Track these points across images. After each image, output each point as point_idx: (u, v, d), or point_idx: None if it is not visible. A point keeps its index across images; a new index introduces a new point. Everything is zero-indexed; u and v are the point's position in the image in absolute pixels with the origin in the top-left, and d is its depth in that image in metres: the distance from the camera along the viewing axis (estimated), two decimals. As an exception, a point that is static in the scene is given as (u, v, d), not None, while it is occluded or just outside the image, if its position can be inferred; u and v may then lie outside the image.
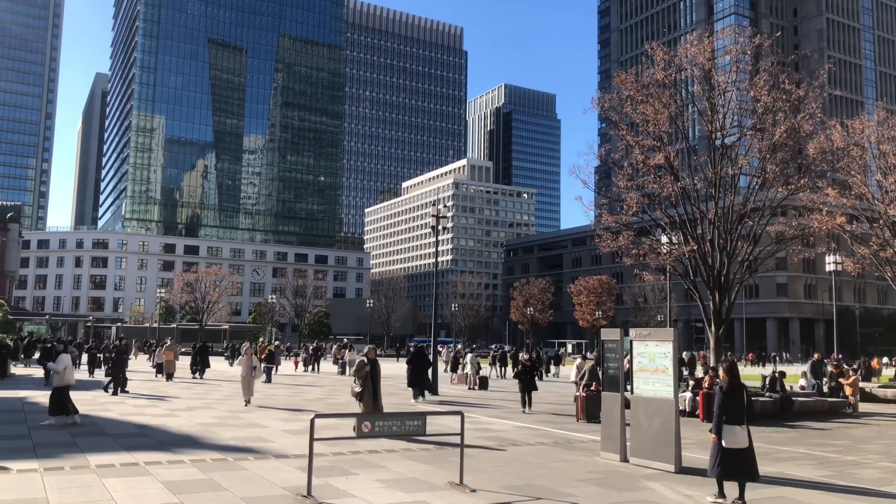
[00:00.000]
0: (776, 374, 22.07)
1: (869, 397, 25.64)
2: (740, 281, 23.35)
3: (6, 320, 43.35)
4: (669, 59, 23.63)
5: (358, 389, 14.51)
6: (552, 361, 44.44)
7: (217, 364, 43.27)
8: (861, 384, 25.03)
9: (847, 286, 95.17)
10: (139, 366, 39.49)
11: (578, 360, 23.79)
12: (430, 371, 23.56)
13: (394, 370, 45.30)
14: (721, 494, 9.17)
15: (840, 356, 38.04)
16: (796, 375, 29.31)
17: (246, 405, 19.75)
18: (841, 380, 22.87)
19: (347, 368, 40.62)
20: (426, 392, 22.93)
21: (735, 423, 9.10)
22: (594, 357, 37.16)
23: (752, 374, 37.87)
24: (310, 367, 42.00)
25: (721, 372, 9.65)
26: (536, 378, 23.66)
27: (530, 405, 20.67)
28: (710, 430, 9.47)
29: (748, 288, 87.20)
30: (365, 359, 14.96)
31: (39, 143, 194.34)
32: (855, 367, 34.43)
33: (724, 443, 9.07)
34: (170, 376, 29.55)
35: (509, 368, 38.62)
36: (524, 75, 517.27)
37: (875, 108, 31.10)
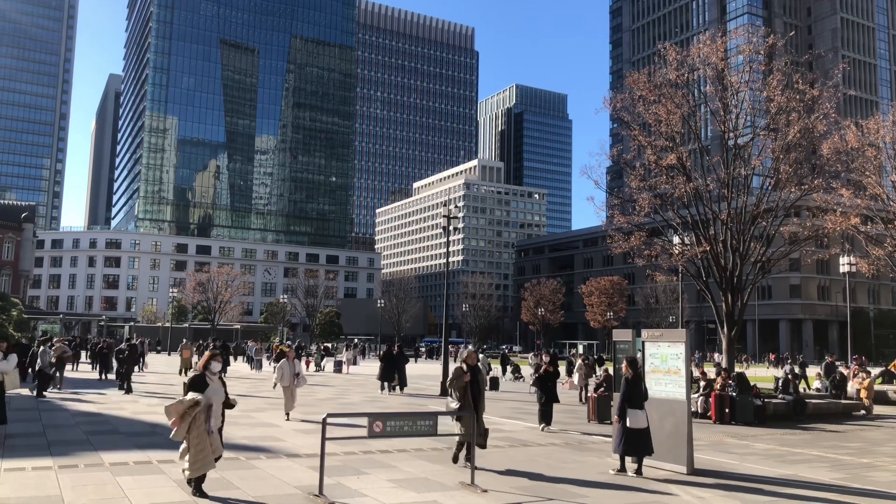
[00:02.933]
0: (789, 376, 21.93)
1: (884, 400, 25.41)
2: (753, 282, 23.22)
3: (21, 319, 43.70)
4: (682, 59, 23.54)
5: (456, 405, 10.80)
6: (597, 364, 44.42)
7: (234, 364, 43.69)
8: (878, 387, 24.82)
9: (861, 287, 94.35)
10: (154, 366, 39.71)
11: (579, 362, 24.17)
12: (405, 367, 26.76)
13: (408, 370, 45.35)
14: (622, 469, 10.78)
15: (855, 357, 37.75)
16: (811, 377, 29.10)
17: (287, 419, 16.69)
18: (856, 383, 22.69)
19: (345, 367, 40.79)
20: (397, 387, 25.73)
21: (637, 407, 10.67)
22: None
23: (765, 376, 37.62)
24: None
25: (624, 365, 11.09)
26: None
27: (550, 421, 16.59)
28: (615, 413, 11.05)
29: (761, 289, 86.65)
30: (464, 366, 11.11)
31: (54, 144, 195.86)
32: (870, 369, 34.10)
33: (628, 424, 10.57)
34: (184, 371, 32.31)
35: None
36: (535, 75, 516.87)
37: (890, 108, 30.85)
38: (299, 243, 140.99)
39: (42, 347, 22.27)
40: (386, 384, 25.78)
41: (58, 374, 23.85)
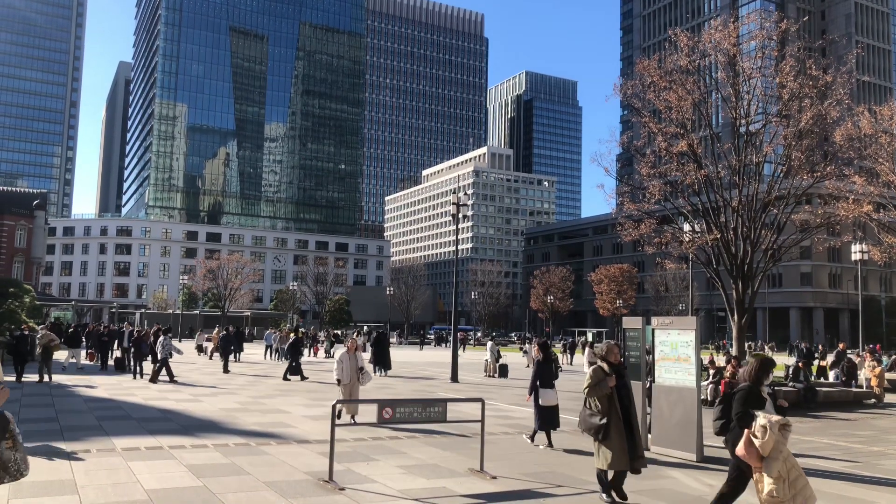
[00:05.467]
0: (800, 364, 21.86)
1: None
2: (764, 270, 23.10)
3: (33, 306, 44.03)
4: (693, 45, 23.32)
5: (599, 421, 7.98)
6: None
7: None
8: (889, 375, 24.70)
9: (873, 275, 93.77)
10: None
11: (587, 351, 24.29)
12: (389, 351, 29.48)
13: (416, 357, 45.62)
14: (550, 443, 11.94)
15: (870, 346, 37.57)
16: (824, 366, 28.96)
17: (353, 421, 13.30)
18: (868, 371, 22.60)
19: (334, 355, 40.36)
20: (386, 370, 27.97)
21: (548, 387, 11.98)
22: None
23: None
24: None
25: (535, 348, 12.29)
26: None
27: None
28: (528, 391, 12.31)
29: (771, 277, 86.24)
30: (604, 365, 8.29)
31: (64, 132, 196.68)
32: (881, 357, 33.96)
33: (540, 402, 11.83)
34: (214, 355, 34.64)
35: (578, 356, 39.17)
36: (545, 62, 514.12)
37: (904, 95, 30.53)
38: (309, 231, 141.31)
39: (163, 337, 22.72)
40: (379, 367, 28.03)
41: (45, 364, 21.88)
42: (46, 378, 21.64)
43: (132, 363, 24.99)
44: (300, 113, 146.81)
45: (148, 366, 23.98)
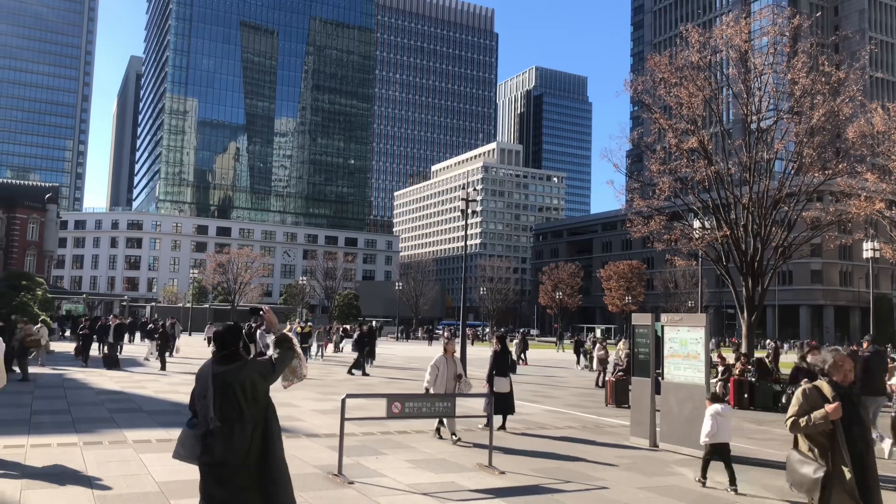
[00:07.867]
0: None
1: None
2: (774, 267, 23.01)
3: (45, 299, 44.38)
4: (705, 41, 23.22)
5: (814, 473, 4.87)
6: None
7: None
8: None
9: (884, 273, 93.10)
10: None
11: (597, 346, 24.39)
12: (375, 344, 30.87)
13: (425, 352, 45.67)
14: (501, 425, 12.97)
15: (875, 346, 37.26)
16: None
17: (456, 439, 11.71)
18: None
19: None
20: (371, 361, 28.83)
21: (503, 375, 12.95)
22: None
23: (787, 362, 37.32)
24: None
25: (494, 340, 13.48)
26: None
27: None
28: (485, 380, 13.11)
29: (781, 274, 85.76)
30: (825, 385, 5.07)
31: (76, 126, 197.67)
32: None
33: (494, 388, 12.59)
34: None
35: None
36: (555, 58, 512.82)
37: (918, 91, 30.26)
38: (318, 226, 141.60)
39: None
40: (369, 359, 29.16)
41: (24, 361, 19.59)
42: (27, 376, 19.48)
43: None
44: (310, 108, 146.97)
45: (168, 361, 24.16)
